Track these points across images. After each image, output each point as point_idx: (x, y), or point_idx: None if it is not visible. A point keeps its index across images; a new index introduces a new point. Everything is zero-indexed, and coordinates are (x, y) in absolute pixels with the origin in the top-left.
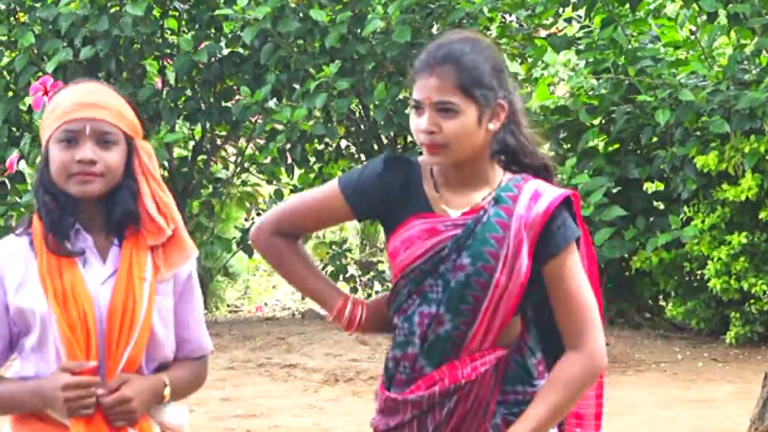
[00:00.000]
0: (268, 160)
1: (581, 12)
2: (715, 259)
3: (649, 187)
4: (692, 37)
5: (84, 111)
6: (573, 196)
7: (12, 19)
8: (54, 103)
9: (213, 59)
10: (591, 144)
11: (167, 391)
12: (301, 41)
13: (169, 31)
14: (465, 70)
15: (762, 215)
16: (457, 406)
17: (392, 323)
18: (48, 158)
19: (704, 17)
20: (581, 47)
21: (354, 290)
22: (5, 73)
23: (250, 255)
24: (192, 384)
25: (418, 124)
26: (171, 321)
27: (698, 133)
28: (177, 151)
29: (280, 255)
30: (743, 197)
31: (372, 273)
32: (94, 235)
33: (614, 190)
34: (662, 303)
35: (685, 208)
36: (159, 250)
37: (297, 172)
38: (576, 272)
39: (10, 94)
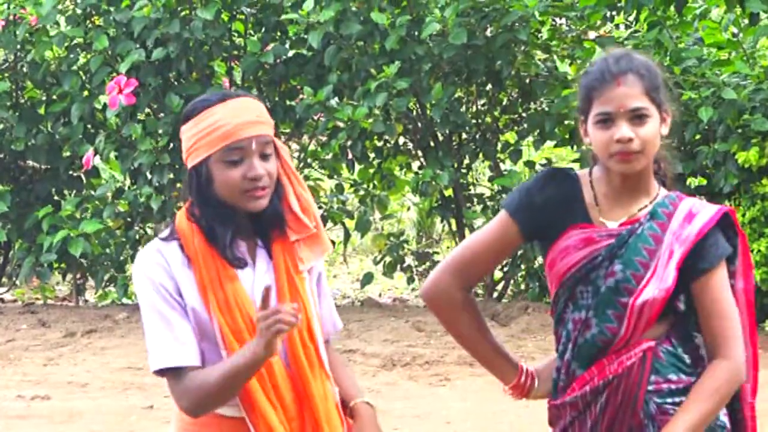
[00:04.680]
0: (329, 156)
1: (630, 16)
2: (755, 251)
3: (692, 181)
4: (735, 39)
5: (248, 129)
6: (730, 212)
7: (88, 22)
8: (209, 123)
9: (278, 60)
10: None
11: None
12: (362, 43)
13: (236, 34)
14: (647, 78)
15: None
16: (608, 400)
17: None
18: (208, 175)
19: (746, 21)
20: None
21: (411, 280)
22: (81, 73)
23: None
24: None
25: (611, 135)
26: None
27: (740, 130)
28: None
29: (455, 314)
30: None
31: (428, 263)
32: (245, 240)
33: None
34: None
35: (727, 202)
36: (300, 243)
37: (357, 167)
38: (724, 286)
39: (86, 93)
